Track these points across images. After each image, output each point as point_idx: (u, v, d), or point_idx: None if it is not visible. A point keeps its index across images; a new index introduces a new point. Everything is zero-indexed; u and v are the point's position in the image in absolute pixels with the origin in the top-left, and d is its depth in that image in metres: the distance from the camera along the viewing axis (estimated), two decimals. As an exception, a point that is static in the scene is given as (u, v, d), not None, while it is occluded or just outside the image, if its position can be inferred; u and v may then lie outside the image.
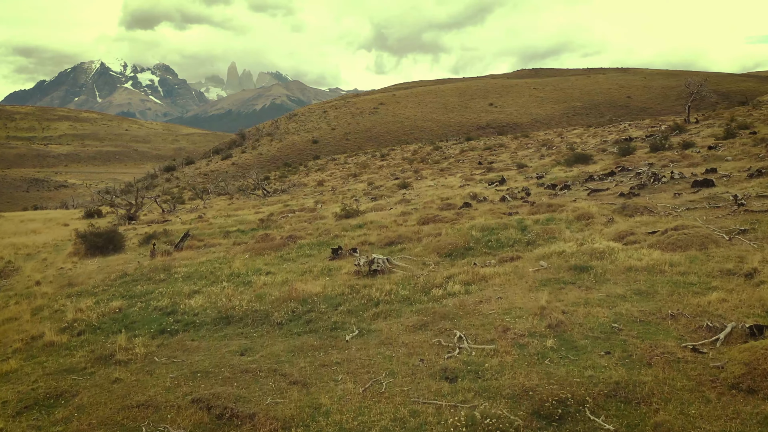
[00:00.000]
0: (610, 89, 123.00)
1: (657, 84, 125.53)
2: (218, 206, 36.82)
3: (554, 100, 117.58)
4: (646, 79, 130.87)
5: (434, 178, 31.16)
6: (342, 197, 29.33)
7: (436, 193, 23.52)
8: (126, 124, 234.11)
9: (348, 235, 14.85)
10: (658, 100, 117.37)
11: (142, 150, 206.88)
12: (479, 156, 40.11)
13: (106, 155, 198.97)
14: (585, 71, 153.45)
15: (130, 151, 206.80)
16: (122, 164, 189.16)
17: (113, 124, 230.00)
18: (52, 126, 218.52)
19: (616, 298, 6.88)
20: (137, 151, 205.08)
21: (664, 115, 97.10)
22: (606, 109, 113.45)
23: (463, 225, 13.52)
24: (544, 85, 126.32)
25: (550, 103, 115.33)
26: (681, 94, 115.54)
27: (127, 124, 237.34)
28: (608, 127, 51.10)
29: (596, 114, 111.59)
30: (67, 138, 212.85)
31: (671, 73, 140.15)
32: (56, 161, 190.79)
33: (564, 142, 37.90)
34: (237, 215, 27.23)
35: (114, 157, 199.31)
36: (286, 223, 19.77)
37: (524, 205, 16.08)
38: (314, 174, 57.51)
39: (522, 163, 27.87)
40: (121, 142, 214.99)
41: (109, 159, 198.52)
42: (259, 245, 14.85)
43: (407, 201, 22.00)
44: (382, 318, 7.23)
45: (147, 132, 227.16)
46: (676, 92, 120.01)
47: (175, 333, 7.49)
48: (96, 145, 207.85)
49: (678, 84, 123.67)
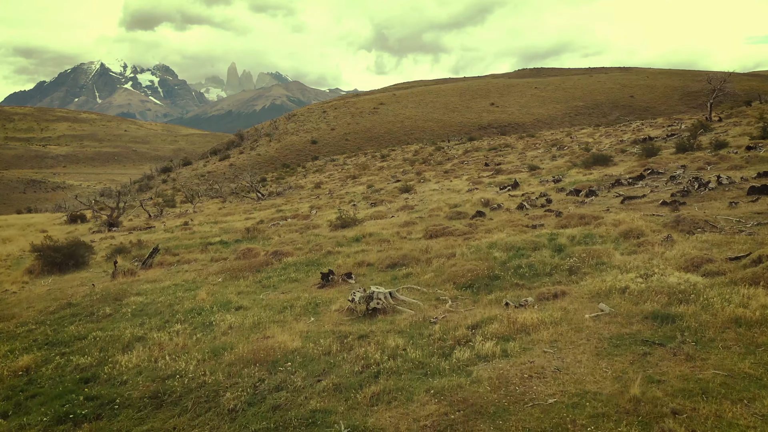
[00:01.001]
0: (612, 89, 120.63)
1: (660, 83, 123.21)
2: (209, 210, 34.41)
3: (556, 99, 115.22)
4: (648, 78, 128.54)
5: (438, 180, 28.72)
6: (339, 202, 26.92)
7: (442, 198, 21.10)
8: (125, 125, 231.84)
9: (342, 252, 12.41)
10: (661, 99, 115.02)
11: (141, 151, 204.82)
12: (485, 157, 37.67)
13: (104, 156, 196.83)
14: (587, 71, 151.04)
15: (128, 152, 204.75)
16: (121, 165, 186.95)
17: (112, 124, 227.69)
18: (50, 127, 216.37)
19: (744, 380, 4.45)
20: (136, 152, 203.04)
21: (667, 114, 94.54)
22: (608, 109, 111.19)
23: (480, 241, 11.08)
24: (546, 85, 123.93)
25: (551, 103, 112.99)
26: (684, 94, 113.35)
27: (126, 124, 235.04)
28: (619, 126, 48.61)
29: (599, 114, 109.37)
30: (65, 139, 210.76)
31: (674, 72, 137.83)
32: (54, 162, 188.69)
33: (575, 142, 35.47)
34: (225, 222, 24.83)
35: (113, 158, 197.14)
36: (275, 233, 17.35)
37: (548, 215, 13.63)
38: (312, 176, 55.08)
39: (534, 165, 25.43)
40: (120, 143, 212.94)
41: (108, 160, 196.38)
42: (238, 263, 12.43)
43: (410, 207, 19.58)
44: (384, 403, 4.78)
45: (146, 133, 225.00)
46: (680, 92, 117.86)
47: (79, 423, 5.04)
48: (95, 146, 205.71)
49: (681, 83, 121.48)
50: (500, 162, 32.06)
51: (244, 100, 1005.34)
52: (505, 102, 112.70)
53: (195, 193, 44.01)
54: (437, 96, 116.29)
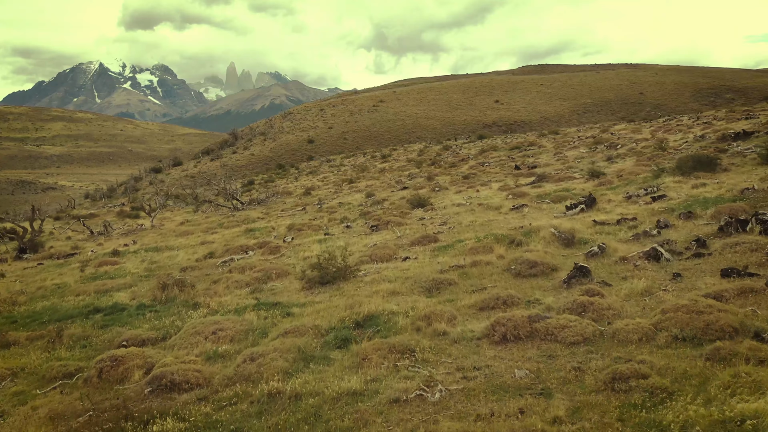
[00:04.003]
0: (620, 85, 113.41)
1: (670, 80, 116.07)
2: (168, 225, 26.95)
3: (562, 97, 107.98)
4: (657, 75, 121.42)
5: (459, 189, 21.30)
6: (328, 219, 19.50)
7: (477, 220, 13.74)
8: (121, 125, 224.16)
9: (303, 408, 5.11)
10: (672, 96, 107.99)
11: (136, 151, 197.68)
12: (508, 158, 30.23)
13: (99, 156, 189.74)
14: (593, 67, 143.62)
15: (124, 151, 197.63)
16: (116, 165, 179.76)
17: (108, 124, 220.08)
18: (45, 126, 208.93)
19: None
20: (132, 152, 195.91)
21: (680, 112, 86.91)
22: (618, 107, 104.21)
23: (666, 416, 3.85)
24: (552, 82, 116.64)
25: (558, 100, 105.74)
26: (696, 91, 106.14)
27: (122, 124, 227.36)
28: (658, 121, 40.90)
29: (608, 111, 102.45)
30: (60, 139, 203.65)
31: (683, 69, 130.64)
32: (48, 162, 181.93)
33: (620, 138, 28.07)
34: (171, 249, 17.46)
35: (108, 158, 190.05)
36: (211, 291, 10.01)
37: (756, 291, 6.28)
38: (304, 178, 47.61)
39: (595, 170, 17.99)
40: (115, 142, 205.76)
41: (103, 160, 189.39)
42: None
43: (432, 239, 12.18)
44: None
45: (142, 132, 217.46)
46: (691, 89, 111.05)
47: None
48: (90, 145, 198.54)
49: (691, 80, 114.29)
50: (534, 164, 24.64)
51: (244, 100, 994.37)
52: (510, 99, 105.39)
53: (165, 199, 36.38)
54: (439, 93, 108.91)
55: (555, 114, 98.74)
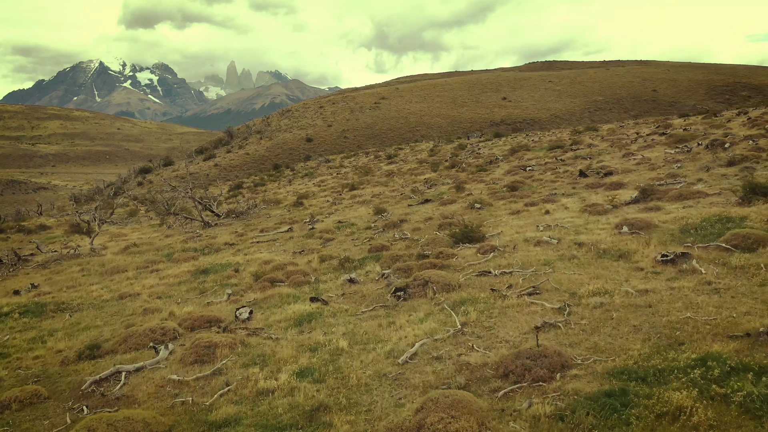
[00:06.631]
0: (632, 82, 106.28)
1: (683, 77, 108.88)
2: (108, 252, 19.65)
3: (573, 94, 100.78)
4: (670, 71, 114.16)
5: (514, 208, 14.10)
6: (319, 258, 12.30)
7: (610, 291, 6.62)
8: (119, 123, 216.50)
9: None
10: (686, 93, 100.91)
11: (133, 149, 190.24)
12: (556, 159, 23.02)
13: (96, 155, 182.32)
14: (603, 63, 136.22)
15: (121, 150, 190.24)
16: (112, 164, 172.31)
17: (105, 122, 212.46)
18: (41, 125, 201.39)
19: None
20: (129, 151, 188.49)
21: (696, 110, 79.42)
22: (630, 104, 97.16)
23: None
24: (560, 78, 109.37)
25: (568, 98, 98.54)
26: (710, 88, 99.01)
27: (119, 122, 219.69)
28: (731, 112, 33.39)
29: (620, 109, 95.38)
30: (56, 137, 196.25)
31: (696, 65, 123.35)
32: (43, 161, 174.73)
33: (728, 136, 20.54)
34: (77, 301, 10.39)
35: (104, 157, 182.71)
36: None
37: None
38: (298, 182, 40.33)
39: (756, 184, 10.86)
40: (112, 141, 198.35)
41: (99, 159, 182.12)
42: None
43: (560, 362, 5.10)
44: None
45: (140, 131, 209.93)
46: (705, 86, 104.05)
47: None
48: (86, 144, 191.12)
49: (705, 77, 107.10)
50: (607, 169, 17.35)
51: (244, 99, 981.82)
52: (518, 96, 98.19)
53: (111, 213, 28.75)
54: (443, 90, 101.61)
55: (566, 112, 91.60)
